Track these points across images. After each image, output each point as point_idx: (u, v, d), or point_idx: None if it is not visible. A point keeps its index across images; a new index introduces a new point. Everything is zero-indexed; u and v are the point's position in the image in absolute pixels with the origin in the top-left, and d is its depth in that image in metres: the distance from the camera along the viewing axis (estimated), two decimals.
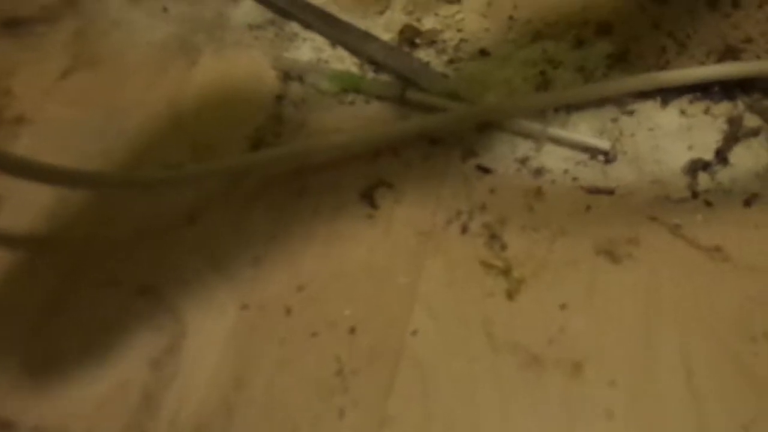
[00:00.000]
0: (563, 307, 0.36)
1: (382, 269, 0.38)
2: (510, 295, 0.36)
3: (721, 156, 0.39)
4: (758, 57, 0.42)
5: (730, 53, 0.43)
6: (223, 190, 0.41)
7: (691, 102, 0.41)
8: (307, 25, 0.48)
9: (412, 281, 0.37)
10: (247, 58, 0.47)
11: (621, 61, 0.44)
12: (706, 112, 0.41)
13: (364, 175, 0.41)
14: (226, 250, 0.39)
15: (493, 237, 0.38)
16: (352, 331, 0.36)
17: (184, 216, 0.41)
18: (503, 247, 0.38)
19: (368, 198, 0.40)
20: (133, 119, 0.45)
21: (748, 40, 0.43)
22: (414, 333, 0.36)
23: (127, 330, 0.37)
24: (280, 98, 0.45)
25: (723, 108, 0.41)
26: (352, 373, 0.35)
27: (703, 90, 0.41)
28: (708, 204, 0.38)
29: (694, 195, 0.38)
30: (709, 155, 0.39)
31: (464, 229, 0.39)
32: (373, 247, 0.39)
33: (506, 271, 0.37)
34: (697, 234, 0.37)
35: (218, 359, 0.36)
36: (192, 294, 0.38)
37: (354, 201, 0.40)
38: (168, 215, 0.41)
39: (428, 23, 0.47)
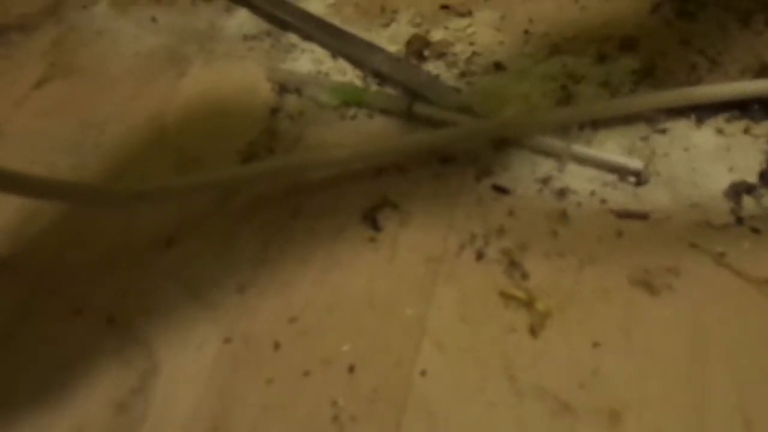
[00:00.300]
0: (596, 345, 0.31)
1: (385, 300, 0.33)
2: (534, 332, 0.32)
3: (766, 178, 0.35)
4: None
5: (767, 71, 0.39)
6: (208, 208, 0.37)
7: (728, 121, 0.38)
8: (307, 36, 0.44)
9: (421, 313, 0.33)
10: (240, 70, 0.44)
11: (648, 76, 0.40)
12: (746, 131, 0.37)
13: (366, 195, 0.37)
14: (208, 276, 0.35)
15: (513, 264, 0.34)
16: (351, 369, 0.31)
17: (163, 237, 0.36)
18: (524, 275, 0.33)
19: (371, 220, 0.36)
20: (112, 132, 0.41)
21: None
22: (422, 373, 0.31)
23: (89, 366, 0.32)
24: (275, 111, 0.41)
25: (764, 127, 0.37)
26: (350, 420, 0.30)
27: (741, 108, 0.38)
28: (755, 231, 0.34)
29: (739, 221, 0.34)
30: (752, 178, 0.35)
31: (480, 256, 0.34)
32: (375, 275, 0.34)
33: (529, 304, 0.32)
34: (745, 264, 0.33)
35: (194, 401, 0.31)
36: (167, 325, 0.33)
37: (355, 223, 0.36)
38: (144, 236, 0.36)
39: (437, 36, 0.43)
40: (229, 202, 0.37)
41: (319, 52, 0.44)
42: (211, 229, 0.36)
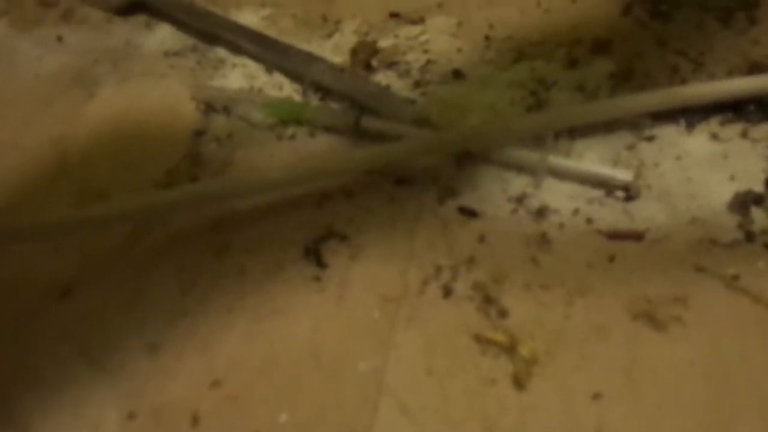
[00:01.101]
0: (596, 397, 0.25)
1: (333, 353, 0.27)
2: (519, 383, 0.25)
3: None
4: None
5: (757, 70, 0.35)
6: (114, 250, 0.30)
7: (722, 124, 0.33)
8: (237, 50, 0.39)
9: (377, 368, 0.26)
10: (160, 89, 0.38)
11: (627, 80, 0.35)
12: (744, 135, 0.32)
13: (308, 225, 0.31)
14: (111, 334, 0.28)
15: (488, 300, 0.28)
16: None
17: (57, 286, 0.29)
18: (503, 313, 0.27)
19: (314, 254, 0.30)
20: (4, 162, 0.34)
21: None
22: None
23: None
24: (199, 134, 0.35)
25: (763, 130, 0.32)
26: None
27: (735, 110, 0.33)
28: None
29: (749, 237, 0.29)
30: (758, 186, 0.30)
31: (447, 292, 0.28)
32: (320, 322, 0.28)
33: (510, 348, 0.26)
34: (763, 287, 0.27)
35: None
36: (54, 400, 0.26)
37: (295, 259, 0.30)
38: (33, 285, 0.29)
39: (387, 45, 0.38)
40: (140, 242, 0.31)
41: (252, 66, 0.38)
42: (118, 275, 0.30)
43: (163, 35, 0.41)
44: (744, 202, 0.30)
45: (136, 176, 0.33)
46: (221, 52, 0.39)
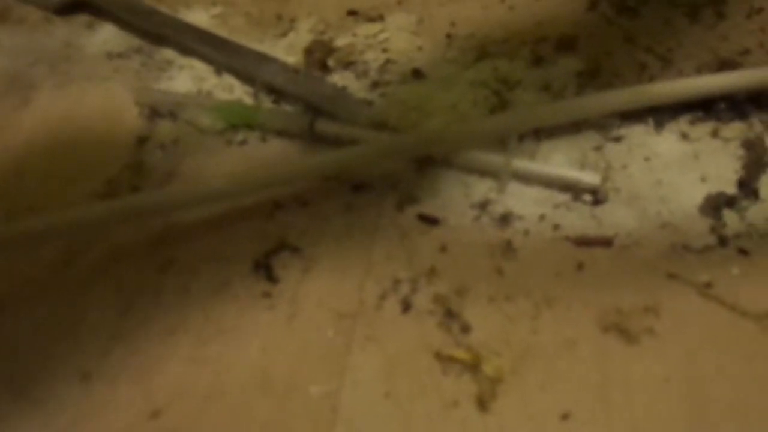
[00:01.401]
0: (565, 417, 0.23)
1: (284, 376, 0.25)
2: (483, 404, 0.24)
3: (748, 188, 0.29)
4: None
5: (727, 67, 0.34)
6: (45, 269, 0.28)
7: (692, 123, 0.32)
8: (185, 51, 0.36)
9: (332, 391, 0.24)
10: (101, 93, 0.35)
11: (594, 78, 0.34)
12: (714, 134, 0.31)
13: (258, 237, 0.29)
14: (40, 362, 0.25)
15: (450, 315, 0.26)
16: None
17: None
18: (465, 328, 0.26)
19: (264, 269, 0.28)
20: None
21: (745, 52, 0.34)
22: None
23: None
24: (142, 141, 0.33)
25: (735, 129, 0.31)
26: None
27: (705, 109, 0.32)
28: (743, 252, 0.27)
29: (722, 241, 0.28)
30: (730, 188, 0.29)
31: (406, 306, 0.26)
32: (270, 343, 0.26)
33: (474, 366, 0.24)
34: (737, 294, 0.26)
35: None
36: None
37: (243, 274, 0.28)
38: None
39: (343, 43, 0.36)
40: (75, 259, 0.28)
41: (201, 68, 0.36)
42: (49, 297, 0.27)
43: (106, 36, 0.38)
44: (716, 205, 0.28)
45: (74, 188, 0.31)
46: (168, 53, 0.37)
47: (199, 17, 0.39)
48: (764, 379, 0.24)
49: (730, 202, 0.28)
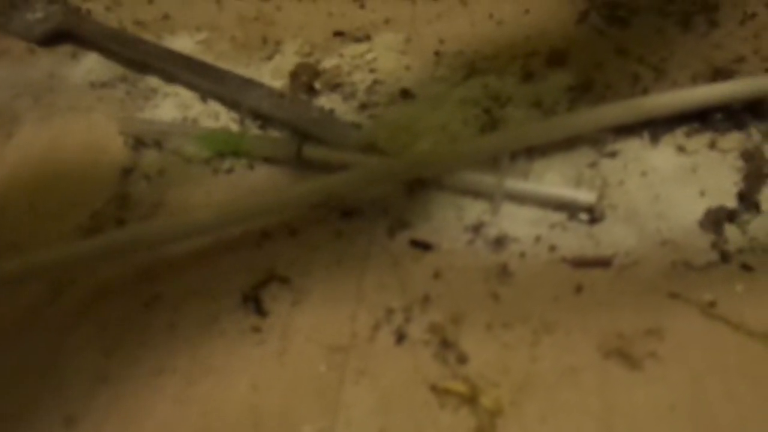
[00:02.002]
0: None
1: (276, 415, 0.24)
2: None
3: (749, 201, 0.28)
4: None
5: (721, 75, 0.33)
6: (27, 310, 0.27)
7: (688, 136, 0.31)
8: (170, 78, 0.36)
9: (325, 429, 0.23)
10: (85, 124, 0.35)
11: (586, 92, 0.33)
12: (712, 146, 0.30)
13: (246, 269, 0.28)
14: (21, 406, 0.24)
15: (446, 345, 0.25)
16: None
17: None
18: (462, 359, 0.25)
19: (253, 302, 0.27)
20: None
21: (740, 60, 0.34)
22: None
23: None
24: (127, 172, 0.32)
25: (733, 140, 0.30)
26: None
27: (701, 120, 0.31)
28: (746, 268, 0.26)
29: (725, 257, 0.27)
30: (730, 201, 0.28)
31: (400, 337, 0.25)
32: (260, 380, 0.25)
33: (472, 399, 0.24)
34: (743, 313, 0.25)
35: None
36: None
37: (231, 308, 0.27)
38: None
39: (330, 65, 0.36)
40: (59, 298, 0.27)
41: (186, 95, 0.35)
42: (31, 338, 0.26)
43: (90, 65, 0.38)
44: (717, 220, 0.28)
45: (59, 222, 0.30)
46: (153, 80, 0.36)
47: (183, 43, 0.38)
48: None
49: (731, 216, 0.28)
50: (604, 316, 0.25)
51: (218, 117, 0.34)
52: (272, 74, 0.36)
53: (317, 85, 0.34)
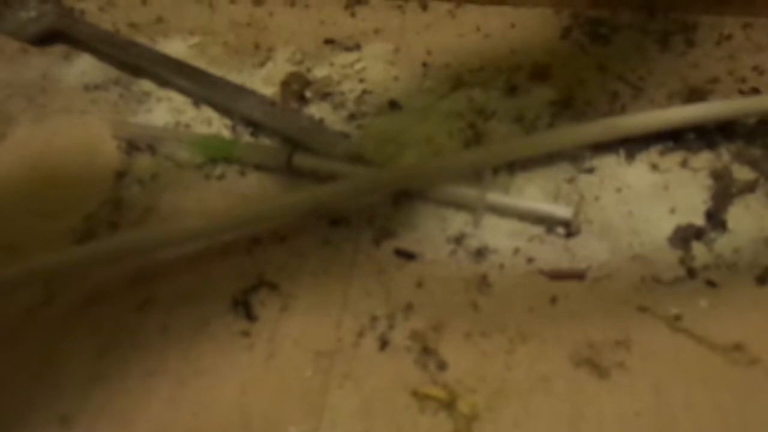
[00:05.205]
0: None
1: (263, 417, 0.25)
2: None
3: (716, 220, 0.30)
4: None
5: (696, 95, 0.35)
6: (23, 312, 0.28)
7: (662, 154, 0.32)
8: (164, 83, 0.37)
9: (310, 431, 0.24)
10: (78, 127, 0.35)
11: (567, 108, 0.34)
12: (684, 165, 0.32)
13: (236, 275, 0.29)
14: (17, 406, 0.25)
15: (427, 352, 0.26)
16: None
17: None
18: (442, 365, 0.26)
19: (243, 307, 0.28)
20: None
21: (714, 80, 0.35)
22: None
23: None
24: (120, 176, 0.33)
25: (704, 159, 0.32)
26: None
27: (675, 139, 0.32)
28: (711, 284, 0.28)
29: (691, 273, 0.28)
30: (698, 219, 0.30)
31: (384, 344, 0.27)
32: (249, 383, 0.26)
33: (450, 404, 0.25)
34: (707, 327, 0.27)
35: None
36: None
37: (222, 313, 0.28)
38: None
39: (321, 74, 0.37)
40: (53, 301, 0.28)
41: (179, 100, 0.36)
42: (26, 340, 0.27)
43: (84, 67, 0.38)
44: (685, 237, 0.29)
45: (52, 225, 0.31)
46: (146, 84, 0.37)
47: (177, 47, 0.39)
48: (729, 410, 0.25)
49: (698, 234, 0.29)
50: (576, 327, 0.27)
51: (210, 123, 0.35)
52: (264, 81, 0.36)
53: (308, 93, 0.35)
